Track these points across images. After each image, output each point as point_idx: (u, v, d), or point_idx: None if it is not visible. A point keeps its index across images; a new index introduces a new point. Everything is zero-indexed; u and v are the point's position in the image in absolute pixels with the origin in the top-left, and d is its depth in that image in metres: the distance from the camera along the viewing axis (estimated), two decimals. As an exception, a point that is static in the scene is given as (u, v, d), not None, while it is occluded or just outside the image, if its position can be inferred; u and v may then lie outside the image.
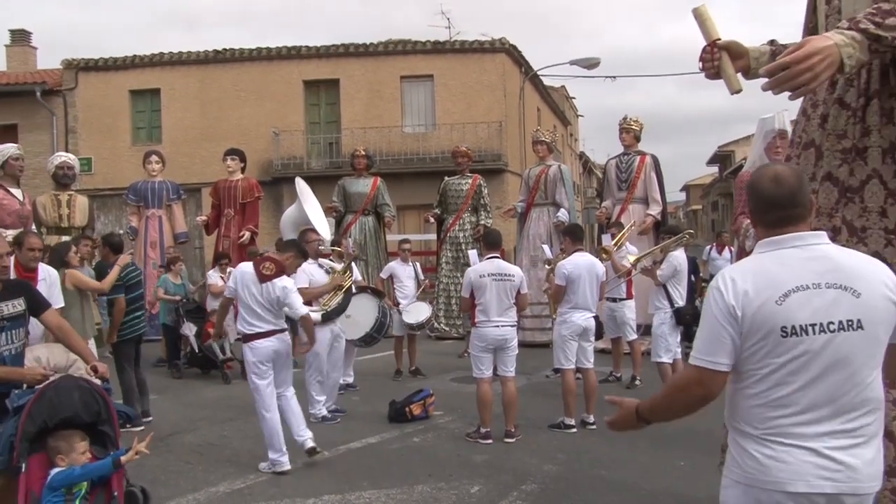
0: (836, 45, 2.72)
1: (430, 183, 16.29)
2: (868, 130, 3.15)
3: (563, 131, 38.04)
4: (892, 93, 3.12)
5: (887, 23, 2.78)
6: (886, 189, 3.10)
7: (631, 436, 6.95)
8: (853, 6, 3.17)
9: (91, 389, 4.30)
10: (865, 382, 2.35)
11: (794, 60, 2.70)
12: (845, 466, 2.31)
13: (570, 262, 7.50)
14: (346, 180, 13.97)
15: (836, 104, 3.26)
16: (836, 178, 3.19)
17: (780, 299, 2.35)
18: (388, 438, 7.21)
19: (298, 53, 24.65)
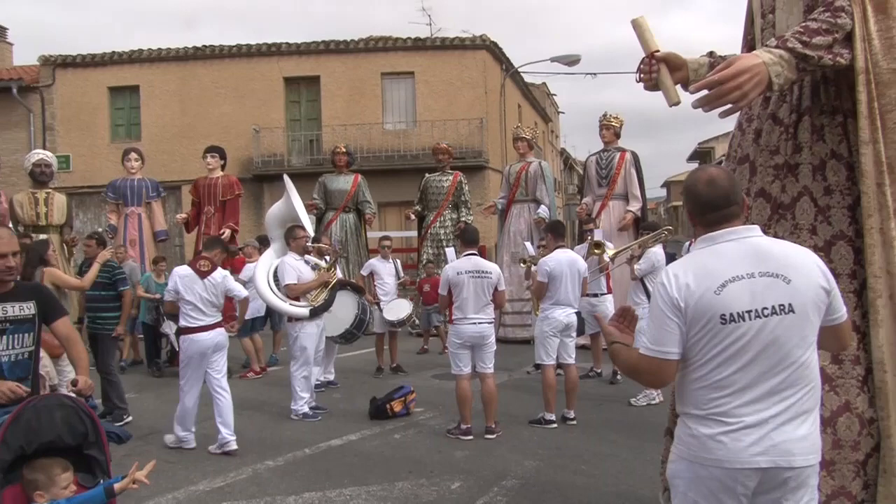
0: (765, 64, 2.75)
1: (411, 180, 16.31)
2: (799, 147, 3.16)
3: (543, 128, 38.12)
4: (823, 110, 3.13)
5: (814, 42, 2.81)
6: (816, 206, 3.11)
7: (611, 431, 7.03)
8: (786, 21, 3.20)
9: (76, 408, 3.60)
10: (799, 362, 2.53)
11: (722, 79, 2.73)
12: (780, 442, 2.48)
13: (553, 258, 7.52)
14: (327, 177, 13.95)
15: (770, 120, 3.28)
16: (769, 195, 3.21)
17: (719, 289, 2.54)
18: (368, 435, 7.22)
19: (279, 50, 24.55)
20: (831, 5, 2.91)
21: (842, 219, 3.06)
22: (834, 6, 2.90)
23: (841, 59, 2.88)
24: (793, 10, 3.21)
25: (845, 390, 2.95)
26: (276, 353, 11.07)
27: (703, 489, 2.56)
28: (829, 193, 3.10)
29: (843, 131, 3.10)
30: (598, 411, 7.87)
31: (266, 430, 7.45)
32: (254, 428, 7.51)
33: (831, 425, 2.94)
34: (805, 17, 3.07)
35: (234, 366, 10.32)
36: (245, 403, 8.54)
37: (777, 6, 3.29)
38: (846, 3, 2.90)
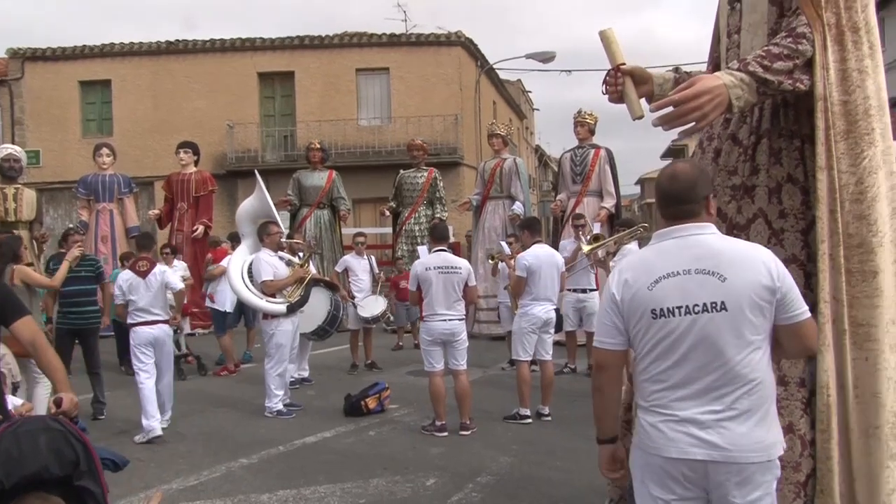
0: (726, 86, 2.78)
1: (386, 176, 16.27)
2: (757, 169, 3.19)
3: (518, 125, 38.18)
4: (782, 133, 3.16)
5: (775, 66, 2.84)
6: (770, 229, 3.15)
7: (586, 426, 7.04)
8: (751, 43, 3.23)
9: (65, 432, 3.03)
10: (734, 360, 2.55)
11: (683, 98, 2.75)
12: (716, 438, 2.52)
13: (531, 253, 7.52)
14: (301, 173, 13.89)
15: (730, 140, 3.30)
16: (725, 215, 3.24)
17: (652, 285, 2.62)
18: (343, 432, 7.20)
19: (253, 45, 24.39)
20: (793, 31, 2.95)
21: (795, 242, 3.10)
22: (796, 32, 2.94)
23: (801, 84, 2.92)
24: (757, 32, 3.24)
25: (789, 412, 3.00)
26: (250, 350, 11.01)
27: (653, 476, 2.66)
28: (784, 217, 3.14)
29: (800, 156, 3.13)
30: (573, 407, 7.89)
31: (240, 427, 7.41)
32: (227, 426, 7.48)
33: None
34: (769, 39, 3.10)
35: (208, 363, 10.27)
36: (219, 401, 8.50)
37: (742, 27, 3.32)
38: (808, 30, 2.93)
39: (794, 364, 3.00)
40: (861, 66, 2.99)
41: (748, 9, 3.28)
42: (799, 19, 2.99)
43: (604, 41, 3.26)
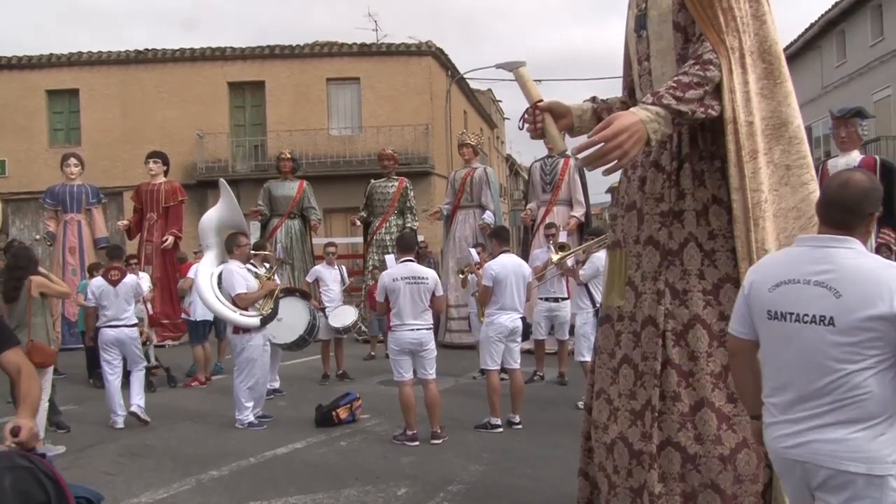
0: (642, 121, 2.85)
1: (357, 186, 16.32)
2: (683, 194, 3.25)
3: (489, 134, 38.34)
4: (702, 156, 3.24)
5: (687, 96, 2.92)
6: (702, 251, 3.21)
7: (557, 434, 7.12)
8: (661, 69, 3.31)
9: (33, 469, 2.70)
10: (839, 375, 2.54)
11: (602, 139, 2.81)
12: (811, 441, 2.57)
13: (497, 263, 7.58)
14: (272, 183, 13.88)
15: (653, 167, 3.37)
16: (658, 242, 3.29)
17: (773, 287, 2.70)
18: (314, 443, 7.20)
19: (223, 55, 24.34)
20: (700, 58, 3.02)
21: (727, 262, 3.16)
22: (703, 59, 3.01)
23: (712, 110, 2.99)
24: (666, 58, 3.31)
25: (742, 428, 3.06)
26: (221, 362, 10.96)
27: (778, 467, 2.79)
28: (714, 238, 3.20)
29: (721, 176, 3.20)
30: (544, 415, 7.96)
31: (210, 439, 7.38)
32: (198, 438, 7.44)
33: (731, 462, 3.04)
34: (678, 66, 3.17)
35: (178, 375, 10.21)
36: (189, 413, 8.46)
37: (651, 54, 3.38)
38: (713, 56, 3.01)
39: None
40: (758, 87, 3.08)
41: (654, 36, 3.35)
42: (704, 45, 3.07)
43: (518, 80, 3.35)
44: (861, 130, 10.57)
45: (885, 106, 21.12)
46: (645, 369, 3.24)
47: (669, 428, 3.15)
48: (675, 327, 3.20)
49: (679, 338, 3.19)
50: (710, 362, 3.15)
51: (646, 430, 3.19)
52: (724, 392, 3.11)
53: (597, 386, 3.57)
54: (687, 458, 3.12)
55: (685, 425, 3.13)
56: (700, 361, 3.16)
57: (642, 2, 3.43)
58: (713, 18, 3.07)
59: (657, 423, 3.16)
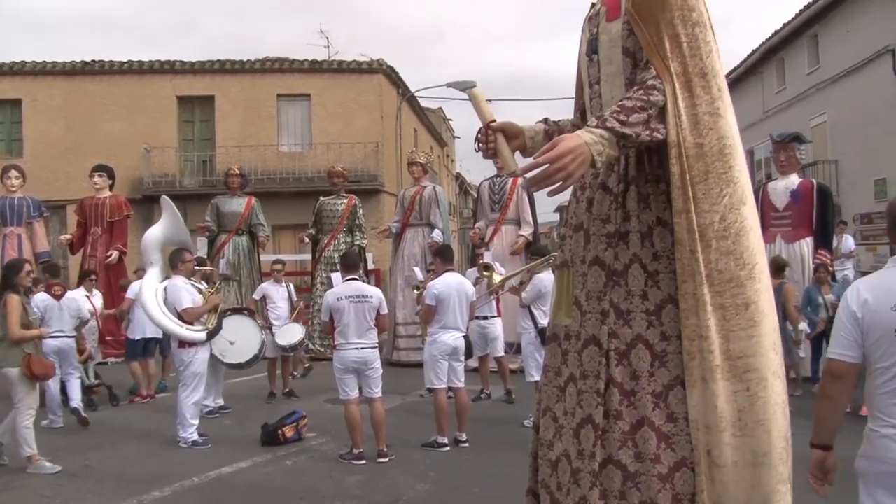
0: (587, 144, 2.89)
1: (306, 203, 16.24)
2: (628, 215, 3.32)
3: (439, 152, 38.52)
4: (648, 178, 3.30)
5: (631, 120, 2.99)
6: (646, 272, 3.26)
7: (504, 452, 7.15)
8: (611, 93, 3.40)
9: None
10: None
11: (547, 160, 2.88)
12: None
13: (441, 282, 7.62)
14: (220, 199, 13.73)
15: (601, 189, 3.44)
16: (603, 262, 3.34)
17: (895, 307, 2.92)
18: (260, 462, 7.14)
19: (172, 68, 24.12)
20: (645, 84, 3.11)
21: (670, 283, 3.22)
22: (647, 85, 3.10)
23: (657, 133, 3.06)
24: (615, 82, 3.39)
25: (680, 447, 3.10)
26: (165, 379, 10.80)
27: (885, 484, 2.95)
28: (658, 259, 3.25)
29: (666, 199, 3.26)
30: (490, 433, 7.99)
31: (153, 458, 7.27)
32: (140, 457, 7.32)
33: (670, 481, 3.08)
34: (626, 90, 3.25)
35: (120, 392, 10.03)
36: (131, 431, 8.32)
37: (602, 78, 3.46)
38: (658, 82, 3.09)
39: (680, 400, 3.11)
40: (712, 108, 3.16)
41: (605, 61, 3.43)
42: (649, 72, 3.15)
43: (472, 100, 3.40)
44: (799, 155, 10.93)
45: (821, 131, 21.76)
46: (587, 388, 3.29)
47: (611, 446, 3.19)
48: (619, 347, 3.25)
49: (622, 357, 3.24)
50: (651, 382, 3.19)
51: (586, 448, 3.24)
52: (663, 412, 3.15)
53: (543, 404, 3.61)
54: (627, 476, 3.16)
55: (626, 443, 3.18)
56: (641, 381, 3.21)
57: (594, 27, 3.50)
58: (659, 45, 3.15)
59: (600, 441, 3.21)
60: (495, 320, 9.55)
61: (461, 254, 34.05)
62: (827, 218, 10.57)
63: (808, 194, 10.42)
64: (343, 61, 25.37)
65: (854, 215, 19.43)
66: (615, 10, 3.37)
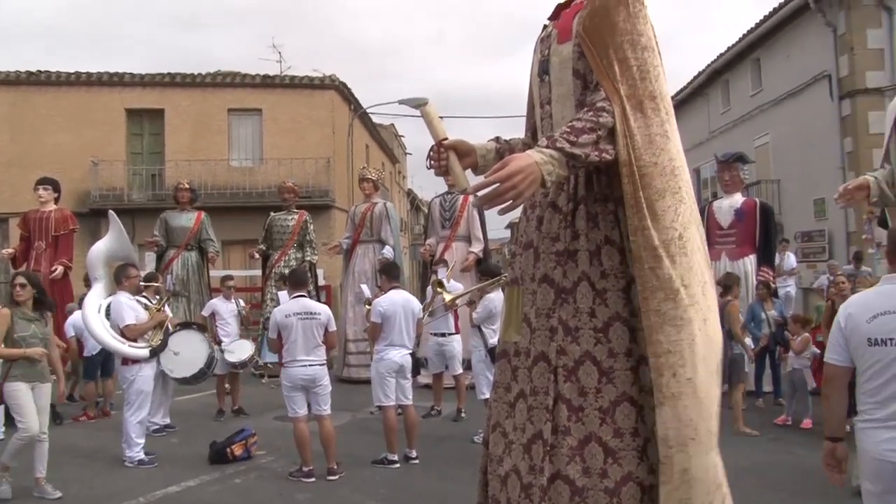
0: (537, 164, 2.96)
1: (256, 218, 16.13)
2: (577, 234, 3.39)
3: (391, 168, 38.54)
4: (597, 198, 3.39)
5: (580, 141, 3.06)
6: (594, 290, 3.33)
7: (454, 468, 7.18)
8: (561, 113, 3.48)
9: None
10: None
11: (497, 179, 2.94)
12: None
13: (386, 299, 7.64)
14: (169, 214, 13.58)
15: (550, 208, 3.51)
16: (552, 280, 3.40)
17: (870, 319, 3.42)
18: (208, 481, 7.06)
19: (121, 80, 23.81)
20: (594, 105, 3.19)
21: (617, 301, 3.29)
22: (596, 107, 3.18)
23: (606, 154, 3.14)
24: (566, 103, 3.47)
25: (627, 461, 3.16)
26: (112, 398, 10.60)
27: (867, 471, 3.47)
28: (605, 277, 3.32)
29: (614, 218, 3.34)
30: (441, 449, 8.02)
31: (97, 478, 7.14)
32: (84, 477, 7.19)
33: (617, 495, 3.14)
34: (577, 111, 3.34)
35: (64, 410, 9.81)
36: (75, 451, 8.15)
37: (552, 98, 3.55)
38: (607, 104, 3.18)
39: (627, 416, 3.18)
40: (662, 130, 3.25)
41: (556, 82, 3.51)
42: (598, 94, 3.24)
43: (425, 118, 3.45)
44: (743, 174, 11.20)
45: (764, 152, 22.28)
46: (536, 403, 3.34)
47: (559, 461, 3.24)
48: (567, 363, 3.30)
49: (570, 373, 3.29)
50: (598, 398, 3.25)
51: (537, 464, 3.28)
52: (610, 427, 3.20)
53: (493, 419, 3.64)
54: (575, 490, 3.21)
55: (574, 459, 3.23)
56: (589, 397, 3.26)
57: (546, 48, 3.58)
58: (608, 68, 3.23)
59: (548, 456, 3.26)
60: (454, 338, 9.57)
61: (412, 270, 34.05)
62: (770, 236, 10.84)
63: (752, 213, 10.68)
64: (295, 76, 25.30)
65: (795, 233, 19.92)
66: (566, 32, 3.45)
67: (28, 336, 6.59)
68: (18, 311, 6.66)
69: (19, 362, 6.52)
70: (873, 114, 17.10)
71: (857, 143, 17.96)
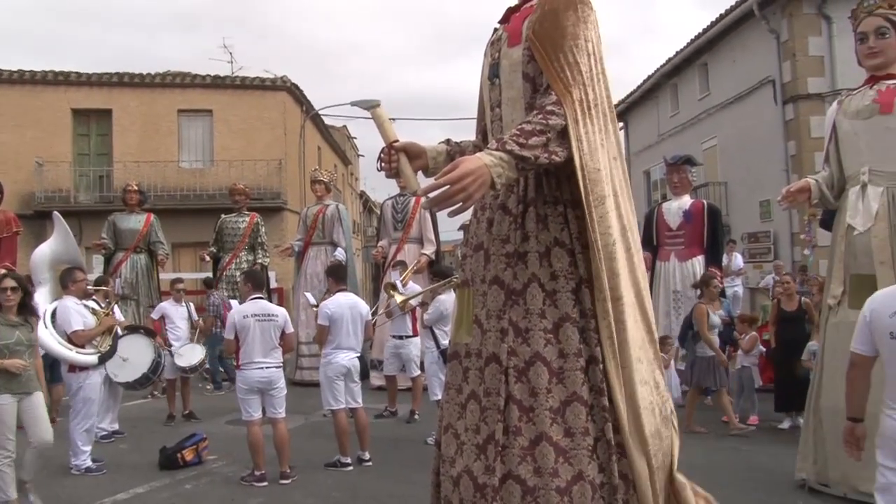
0: (487, 166, 2.99)
1: (207, 220, 15.98)
2: (527, 236, 3.44)
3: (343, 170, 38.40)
4: (547, 200, 3.44)
5: (530, 143, 3.10)
6: (544, 291, 3.38)
7: (407, 470, 7.18)
8: (511, 116, 3.53)
9: None
10: None
11: (447, 181, 2.97)
12: None
13: (333, 302, 7.60)
14: (117, 216, 13.35)
15: (500, 210, 3.55)
16: (503, 282, 3.43)
17: (892, 314, 3.73)
18: (158, 487, 6.96)
19: (67, 80, 23.34)
20: (544, 108, 3.24)
21: (567, 302, 3.33)
22: (546, 109, 3.22)
23: (556, 156, 3.18)
24: (515, 106, 3.52)
25: (578, 461, 3.20)
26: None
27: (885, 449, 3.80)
28: (555, 279, 3.37)
29: (563, 220, 3.40)
30: (394, 452, 8.02)
31: (43, 488, 6.97)
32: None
33: (568, 494, 3.18)
34: (527, 113, 3.38)
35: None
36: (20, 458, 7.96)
37: (503, 102, 3.59)
38: (557, 107, 3.22)
39: (577, 416, 3.22)
40: (601, 137, 3.33)
41: (506, 85, 3.55)
42: (549, 97, 3.28)
43: (375, 120, 3.47)
44: (691, 176, 11.38)
45: (712, 154, 22.70)
46: (488, 404, 3.37)
47: (511, 461, 3.27)
48: (518, 364, 3.33)
49: (521, 374, 3.32)
50: (549, 398, 3.28)
51: (489, 464, 3.31)
52: (561, 427, 3.24)
53: (445, 421, 3.66)
54: (527, 490, 3.24)
55: (525, 459, 3.26)
56: (540, 397, 3.29)
57: (496, 52, 3.61)
58: (560, 71, 3.27)
59: (500, 456, 3.29)
60: (412, 340, 9.57)
61: (365, 272, 33.94)
62: (717, 237, 11.04)
63: (700, 214, 10.86)
64: (246, 77, 25.09)
65: (742, 234, 20.33)
66: (516, 36, 3.49)
67: (12, 343, 5.96)
68: (0, 316, 6.05)
69: (1, 374, 5.88)
70: (815, 118, 17.56)
71: (800, 146, 18.41)
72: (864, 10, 6.17)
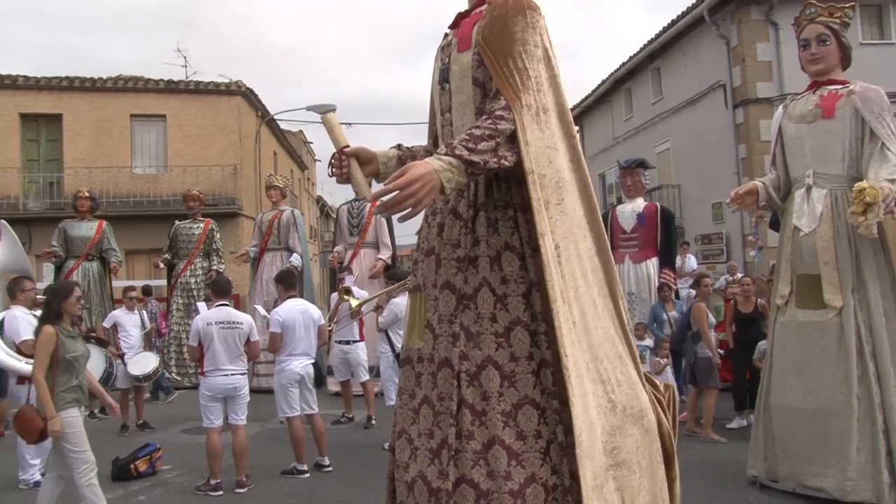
0: (436, 171, 3.01)
1: (161, 227, 15.80)
2: (478, 240, 3.46)
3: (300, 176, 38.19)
4: (497, 205, 3.47)
5: (479, 148, 3.13)
6: (495, 295, 3.40)
7: (364, 476, 7.17)
8: (461, 120, 3.56)
9: None
10: None
11: (396, 187, 2.99)
12: None
13: (284, 308, 7.58)
14: (68, 223, 13.12)
15: (451, 214, 3.57)
16: (454, 286, 3.44)
17: None
18: (111, 499, 6.80)
19: (14, 83, 22.90)
20: (493, 114, 3.27)
21: (517, 306, 3.36)
22: (495, 115, 3.25)
23: (505, 161, 3.21)
24: (465, 111, 3.54)
25: (530, 463, 3.22)
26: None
27: None
28: (506, 283, 3.39)
29: (514, 224, 3.42)
30: (352, 457, 7.99)
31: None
32: (-23, 499, 6.90)
33: (521, 496, 3.20)
34: (476, 118, 3.40)
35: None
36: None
37: (453, 107, 3.61)
38: (506, 112, 3.25)
39: (529, 419, 3.24)
40: (552, 142, 3.35)
41: (456, 90, 3.57)
42: (498, 102, 3.31)
43: (325, 125, 3.47)
44: (644, 179, 11.52)
45: (665, 158, 23.02)
46: (441, 409, 3.38)
47: (464, 465, 3.28)
48: (469, 368, 3.35)
49: (473, 378, 3.33)
50: (501, 402, 3.30)
51: (443, 468, 3.31)
52: (513, 430, 3.26)
53: (398, 426, 3.67)
54: (480, 493, 3.25)
55: (478, 462, 3.27)
56: (492, 401, 3.31)
57: (446, 56, 3.62)
58: (509, 76, 3.29)
59: (453, 461, 3.30)
60: (358, 345, 9.57)
61: (322, 278, 33.77)
62: (671, 239, 11.19)
63: (653, 217, 11.00)
64: (200, 82, 24.85)
65: (695, 236, 20.64)
66: (466, 41, 3.51)
67: (80, 356, 5.73)
68: (62, 328, 5.68)
69: (72, 386, 5.63)
70: (764, 122, 17.92)
71: (750, 149, 18.77)
72: (807, 17, 6.34)
